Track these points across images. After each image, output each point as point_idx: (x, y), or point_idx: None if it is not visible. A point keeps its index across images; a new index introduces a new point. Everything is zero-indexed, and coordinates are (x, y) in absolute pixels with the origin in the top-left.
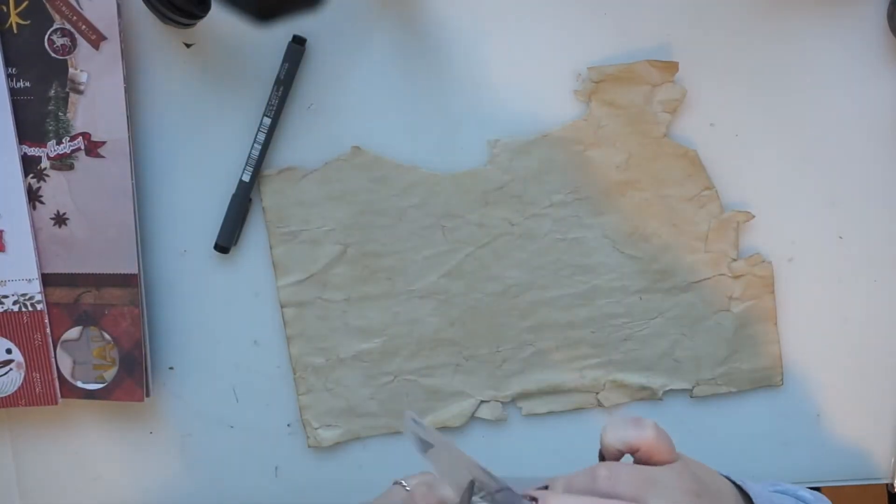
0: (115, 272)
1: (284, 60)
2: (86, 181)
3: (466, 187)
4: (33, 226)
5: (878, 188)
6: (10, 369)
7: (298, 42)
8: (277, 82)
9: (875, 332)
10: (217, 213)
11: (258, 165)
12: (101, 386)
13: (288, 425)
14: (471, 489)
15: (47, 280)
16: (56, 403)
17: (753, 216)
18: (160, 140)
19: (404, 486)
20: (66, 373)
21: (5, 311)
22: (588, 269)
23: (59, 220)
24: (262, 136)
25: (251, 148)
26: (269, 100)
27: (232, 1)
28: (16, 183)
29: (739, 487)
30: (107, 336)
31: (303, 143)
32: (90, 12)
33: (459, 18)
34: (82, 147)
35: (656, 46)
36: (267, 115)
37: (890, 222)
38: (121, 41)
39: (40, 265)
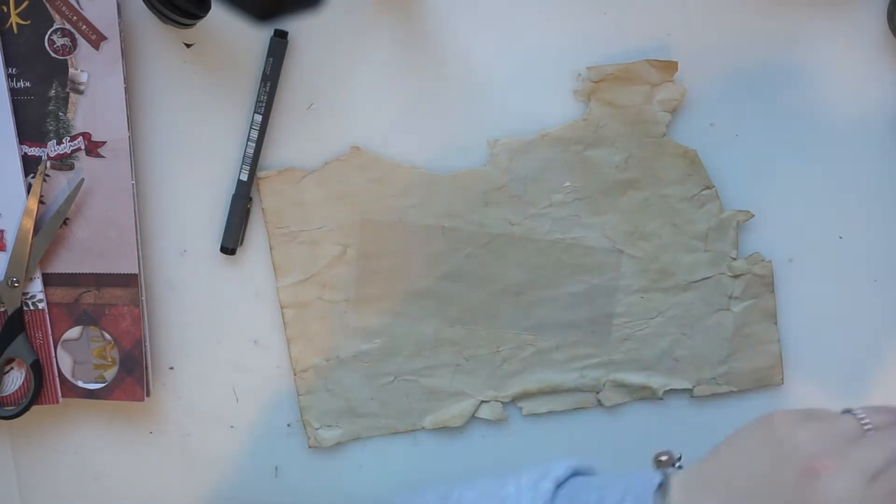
0: (115, 272)
1: (268, 55)
2: (86, 181)
3: (466, 187)
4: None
5: (878, 188)
6: (11, 369)
7: (280, 35)
8: (263, 78)
9: (875, 332)
10: (217, 212)
11: (254, 164)
12: (101, 385)
13: (288, 425)
14: None
15: (48, 280)
16: (57, 403)
17: (753, 215)
18: (160, 140)
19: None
20: (67, 372)
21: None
22: (588, 269)
23: None
24: (254, 134)
25: (245, 146)
26: (258, 96)
27: (232, 1)
28: (16, 183)
29: None
30: (107, 336)
31: (302, 143)
32: (90, 12)
33: (459, 18)
34: (82, 147)
35: (656, 46)
36: (257, 112)
37: (890, 222)
38: (121, 41)
39: (41, 265)
